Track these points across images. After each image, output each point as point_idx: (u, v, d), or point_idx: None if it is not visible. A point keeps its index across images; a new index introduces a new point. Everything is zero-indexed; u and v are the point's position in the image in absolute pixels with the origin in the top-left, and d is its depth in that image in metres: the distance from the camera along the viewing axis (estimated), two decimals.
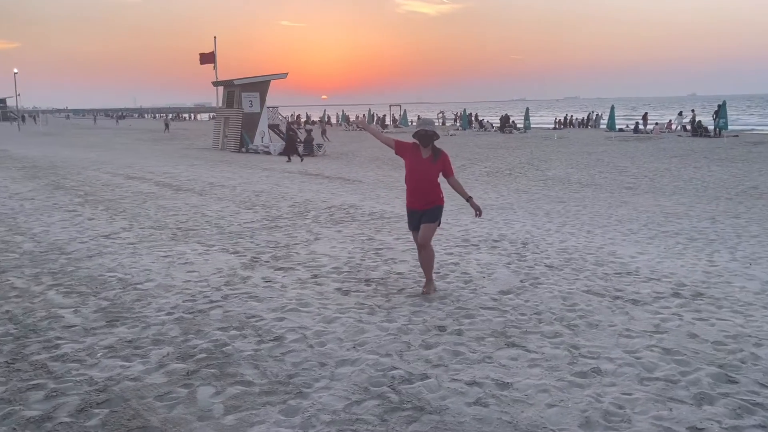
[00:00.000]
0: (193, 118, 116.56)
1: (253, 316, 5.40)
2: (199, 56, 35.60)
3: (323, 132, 36.79)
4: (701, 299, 6.03)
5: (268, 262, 7.47)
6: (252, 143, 31.01)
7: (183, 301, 5.83)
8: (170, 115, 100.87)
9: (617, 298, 6.04)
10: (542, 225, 10.34)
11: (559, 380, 4.12)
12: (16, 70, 59.38)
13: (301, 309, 5.61)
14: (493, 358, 4.50)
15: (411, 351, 4.63)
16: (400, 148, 6.09)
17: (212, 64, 35.06)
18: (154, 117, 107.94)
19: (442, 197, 6.07)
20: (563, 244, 8.68)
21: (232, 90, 32.69)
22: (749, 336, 4.95)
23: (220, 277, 6.73)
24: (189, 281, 6.55)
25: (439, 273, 6.74)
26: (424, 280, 6.35)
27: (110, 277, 6.73)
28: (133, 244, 8.44)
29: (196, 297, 5.98)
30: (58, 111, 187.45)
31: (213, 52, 34.86)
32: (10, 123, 65.39)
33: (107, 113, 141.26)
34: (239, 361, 4.43)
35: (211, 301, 5.83)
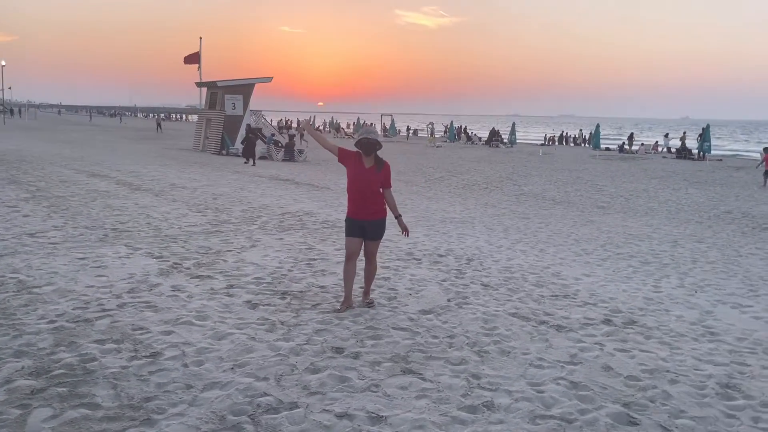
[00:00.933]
0: (185, 119, 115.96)
1: (140, 329, 4.98)
2: (183, 58, 35.21)
3: (301, 136, 36.26)
4: (632, 328, 5.66)
5: (188, 269, 7.06)
6: (233, 146, 30.56)
7: (73, 309, 5.40)
8: (162, 115, 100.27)
9: (543, 323, 5.66)
10: (496, 241, 9.97)
11: (442, 415, 3.73)
12: (3, 63, 58.66)
13: (196, 322, 5.20)
14: (381, 387, 4.10)
15: (293, 375, 4.22)
16: (343, 155, 5.73)
17: (197, 65, 34.66)
18: (146, 116, 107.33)
19: (386, 208, 5.71)
20: (509, 262, 8.32)
21: (215, 92, 32.28)
22: (667, 371, 4.58)
23: (128, 283, 6.31)
24: (92, 287, 6.12)
25: (361, 287, 6.33)
26: (343, 295, 5.98)
27: (11, 278, 6.29)
28: (55, 244, 8.00)
29: (90, 304, 5.55)
30: (52, 106, 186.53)
31: (198, 52, 34.47)
32: (1, 116, 64.75)
33: (100, 111, 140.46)
34: (98, 379, 4.01)
35: (104, 310, 5.41)
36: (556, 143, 51.48)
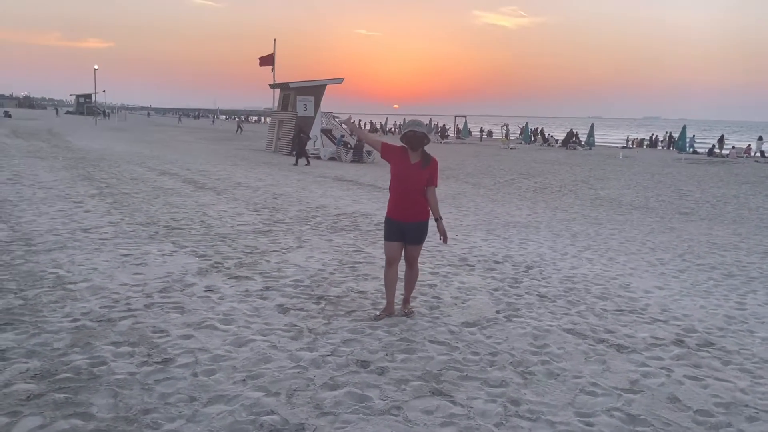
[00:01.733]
0: (263, 120, 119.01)
1: (160, 331, 4.73)
2: (258, 59, 35.83)
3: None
4: (707, 351, 4.92)
5: (228, 269, 6.82)
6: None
7: (100, 307, 5.23)
8: (242, 117, 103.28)
9: (602, 341, 5.01)
10: (561, 248, 9.25)
11: None
12: (96, 67, 61.97)
13: (219, 327, 4.90)
14: (402, 410, 3.63)
15: (307, 391, 3.82)
16: (386, 150, 5.29)
17: (271, 67, 35.18)
18: (226, 118, 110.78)
19: (428, 210, 5.24)
20: (573, 271, 7.63)
21: (287, 93, 32.63)
22: (746, 406, 3.87)
23: (162, 282, 6.12)
24: (125, 284, 5.96)
25: (402, 293, 5.87)
26: (384, 302, 5.56)
27: (50, 273, 6.24)
28: (104, 240, 7.99)
29: (118, 303, 5.37)
30: (142, 108, 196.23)
31: (272, 54, 34.98)
32: (93, 117, 68.41)
33: (185, 113, 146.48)
34: (101, 386, 3.75)
35: (129, 310, 5.21)
36: (636, 145, 49.01)
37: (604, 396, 3.95)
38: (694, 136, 42.87)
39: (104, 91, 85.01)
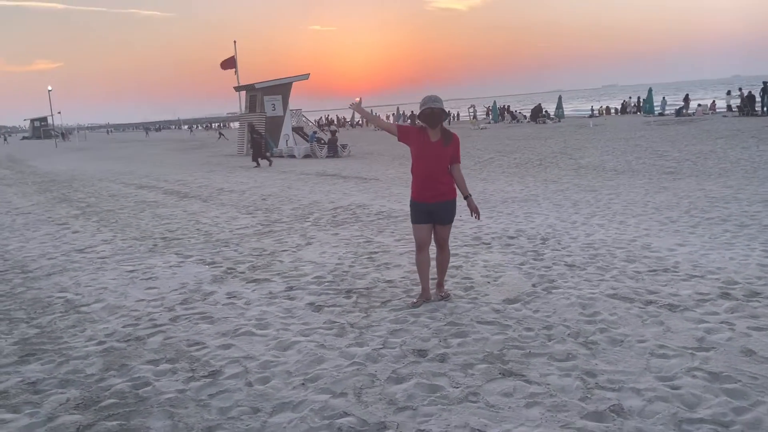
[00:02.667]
0: (227, 126, 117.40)
1: (196, 344, 4.45)
2: (220, 63, 35.16)
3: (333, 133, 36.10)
4: (757, 300, 4.82)
5: (243, 273, 6.53)
6: (276, 147, 30.33)
7: (123, 326, 4.92)
8: (218, 124, 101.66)
9: (650, 303, 4.88)
10: (568, 217, 9.14)
11: (564, 427, 3.03)
12: (50, 88, 60.27)
13: (257, 332, 4.63)
14: (480, 395, 3.43)
15: (374, 387, 3.59)
16: (403, 133, 5.06)
17: (234, 69, 34.56)
18: (190, 128, 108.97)
19: (455, 188, 5.02)
20: (589, 238, 7.51)
21: (254, 94, 32.12)
22: None
23: (180, 294, 5.82)
24: (142, 300, 5.65)
25: (434, 279, 5.66)
26: (417, 288, 5.37)
27: (58, 298, 5.89)
28: (104, 258, 7.62)
29: (141, 320, 5.06)
30: (100, 126, 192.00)
31: (233, 56, 34.35)
32: (53, 140, 66.52)
33: (146, 127, 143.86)
34: (152, 408, 3.47)
35: (155, 325, 4.91)
36: (606, 113, 49.56)
37: (677, 357, 3.81)
38: (664, 98, 43.44)
39: (59, 112, 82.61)
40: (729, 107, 36.92)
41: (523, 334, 4.34)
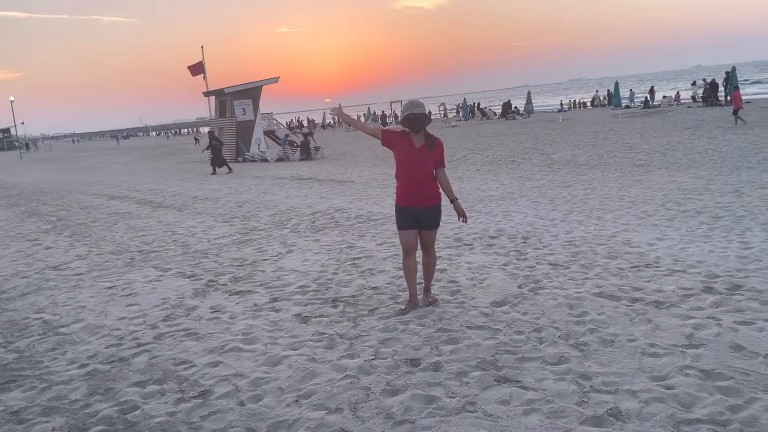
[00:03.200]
0: (197, 131, 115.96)
1: (183, 363, 4.35)
2: (188, 69, 34.68)
3: (310, 134, 36.11)
4: (740, 294, 4.90)
5: (225, 285, 6.43)
6: (248, 151, 30.05)
7: (105, 347, 4.79)
8: (195, 130, 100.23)
9: (636, 300, 4.92)
10: (546, 214, 9.20)
11: None
12: (12, 98, 58.83)
13: (244, 348, 4.55)
14: (478, 404, 3.41)
15: (369, 401, 3.55)
16: (387, 137, 5.02)
17: (202, 74, 34.12)
18: (168, 135, 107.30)
19: (440, 193, 5.02)
20: (569, 235, 7.56)
21: (223, 99, 31.74)
22: None
23: (163, 309, 5.69)
24: (123, 318, 5.51)
25: (420, 284, 5.64)
26: (404, 294, 5.35)
27: (35, 319, 5.71)
28: (80, 275, 7.43)
29: (124, 340, 4.94)
30: (65, 136, 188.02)
31: (201, 61, 33.92)
32: (17, 151, 64.87)
33: (113, 135, 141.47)
34: None
35: (139, 344, 4.79)
36: (579, 106, 50.20)
37: (669, 355, 3.84)
38: (631, 90, 44.15)
39: (23, 122, 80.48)
40: (693, 98, 37.66)
41: (514, 338, 4.34)
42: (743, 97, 33.49)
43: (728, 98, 32.20)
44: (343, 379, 3.87)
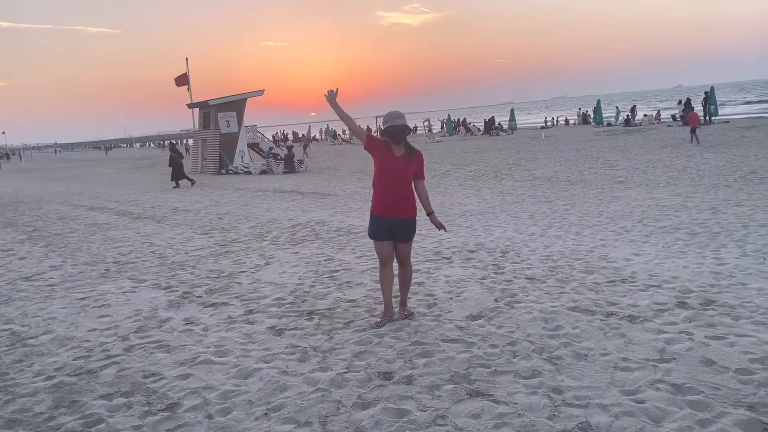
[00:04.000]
0: (183, 143, 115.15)
1: (152, 375, 4.27)
2: (174, 80, 34.54)
3: (304, 147, 36.17)
4: (713, 309, 4.93)
5: (200, 297, 6.35)
6: (232, 164, 29.94)
7: (74, 359, 4.70)
8: (187, 141, 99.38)
9: (611, 314, 4.93)
10: (525, 229, 9.24)
11: None
12: None
13: (216, 360, 4.48)
14: (449, 417, 3.38)
15: (340, 414, 3.50)
16: (371, 142, 5.00)
17: (187, 86, 34.01)
18: (142, 146, 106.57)
19: (416, 206, 5.00)
20: (548, 250, 7.59)
21: (207, 111, 31.67)
22: None
23: (135, 321, 5.60)
24: (94, 330, 5.41)
25: (397, 297, 5.60)
26: (380, 307, 5.32)
27: (3, 330, 5.60)
28: (52, 285, 7.31)
29: (93, 351, 4.84)
30: (47, 146, 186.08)
31: (186, 73, 33.83)
32: None
33: (96, 145, 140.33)
34: None
35: (109, 356, 4.70)
36: (566, 123, 50.73)
37: (640, 369, 3.84)
38: (618, 108, 44.74)
39: (4, 132, 79.49)
40: (674, 117, 38.23)
41: (488, 351, 4.32)
42: (726, 117, 34.00)
43: (708, 117, 32.73)
44: (314, 392, 3.82)
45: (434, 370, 4.04)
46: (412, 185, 4.99)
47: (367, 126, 61.33)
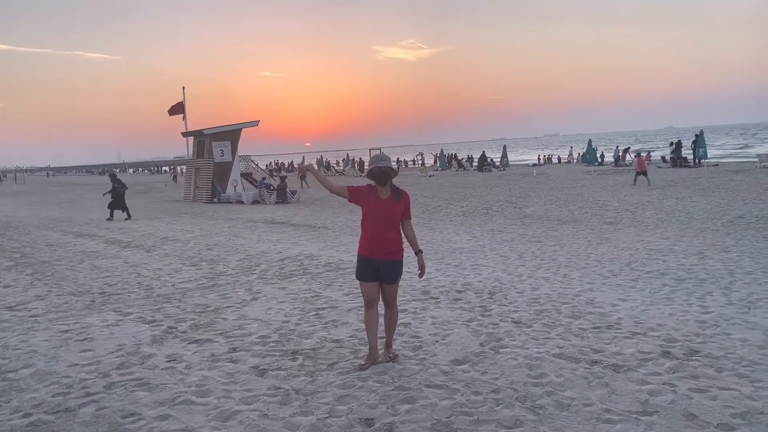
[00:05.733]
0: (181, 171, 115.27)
1: (131, 415, 4.21)
2: (168, 110, 34.76)
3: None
4: (697, 359, 4.94)
5: (185, 332, 6.30)
6: (224, 193, 29.97)
7: (52, 396, 4.63)
8: (178, 168, 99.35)
9: (595, 363, 4.93)
10: (514, 270, 9.26)
11: None
12: None
13: (196, 401, 4.43)
14: None
15: None
16: (354, 194, 5.04)
17: (182, 115, 34.22)
18: (135, 171, 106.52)
19: (403, 248, 5.03)
20: (535, 292, 7.61)
21: (202, 140, 31.83)
22: (761, 413, 3.85)
23: (117, 357, 5.55)
24: (76, 365, 5.35)
25: (382, 338, 5.58)
26: (365, 348, 5.30)
27: None
28: (36, 317, 7.23)
29: (72, 388, 4.78)
30: (40, 169, 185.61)
31: (181, 102, 34.07)
32: None
33: (89, 170, 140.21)
34: None
35: (88, 394, 4.64)
36: (549, 161, 51.23)
37: (623, 422, 3.83)
38: (618, 147, 45.36)
39: None
40: (663, 158, 38.72)
41: (471, 398, 4.30)
42: (715, 160, 34.52)
43: (697, 160, 33.16)
44: None
45: (416, 417, 4.01)
46: (400, 226, 5.03)
47: (360, 158, 61.72)
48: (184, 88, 34.22)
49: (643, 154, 41.07)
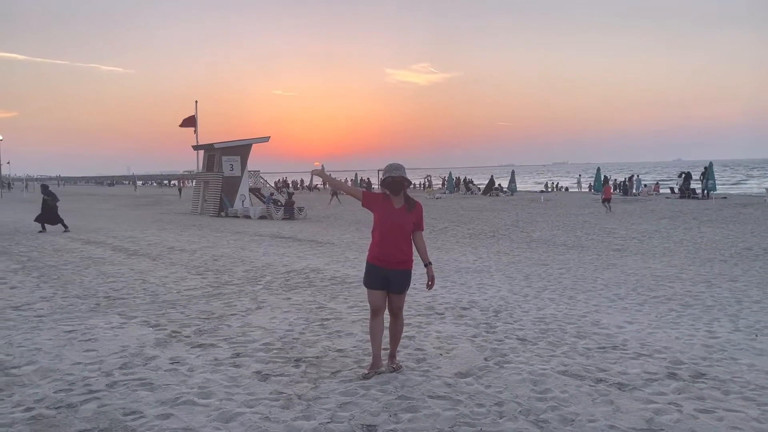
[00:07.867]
0: (184, 184, 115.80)
1: (133, 413, 4.20)
2: (180, 123, 35.06)
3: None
4: (703, 382, 4.89)
5: (188, 337, 6.29)
6: (232, 207, 30.09)
7: (55, 392, 4.63)
8: (184, 182, 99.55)
9: (600, 381, 4.89)
10: (519, 290, 9.23)
11: None
12: (0, 137, 58.75)
13: (198, 401, 4.42)
14: None
15: None
16: (368, 199, 5.08)
17: (193, 128, 34.51)
18: (144, 184, 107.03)
19: (413, 258, 5.03)
20: (541, 312, 7.57)
21: (212, 154, 32.03)
22: None
23: (120, 357, 5.54)
24: (79, 363, 5.35)
25: (386, 349, 5.56)
26: (369, 358, 5.27)
27: None
28: (41, 317, 7.25)
29: (75, 385, 4.78)
30: (50, 178, 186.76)
31: (194, 116, 34.38)
32: None
33: (98, 180, 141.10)
34: None
35: (91, 391, 4.63)
36: (556, 189, 51.23)
37: None
38: (638, 176, 45.35)
39: (8, 162, 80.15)
40: (672, 189, 38.67)
41: (474, 410, 4.27)
42: (724, 193, 34.46)
43: (705, 192, 33.10)
44: None
45: (419, 426, 3.98)
46: (411, 237, 5.03)
47: (368, 178, 61.86)
48: (197, 102, 34.57)
49: (650, 184, 41.04)
